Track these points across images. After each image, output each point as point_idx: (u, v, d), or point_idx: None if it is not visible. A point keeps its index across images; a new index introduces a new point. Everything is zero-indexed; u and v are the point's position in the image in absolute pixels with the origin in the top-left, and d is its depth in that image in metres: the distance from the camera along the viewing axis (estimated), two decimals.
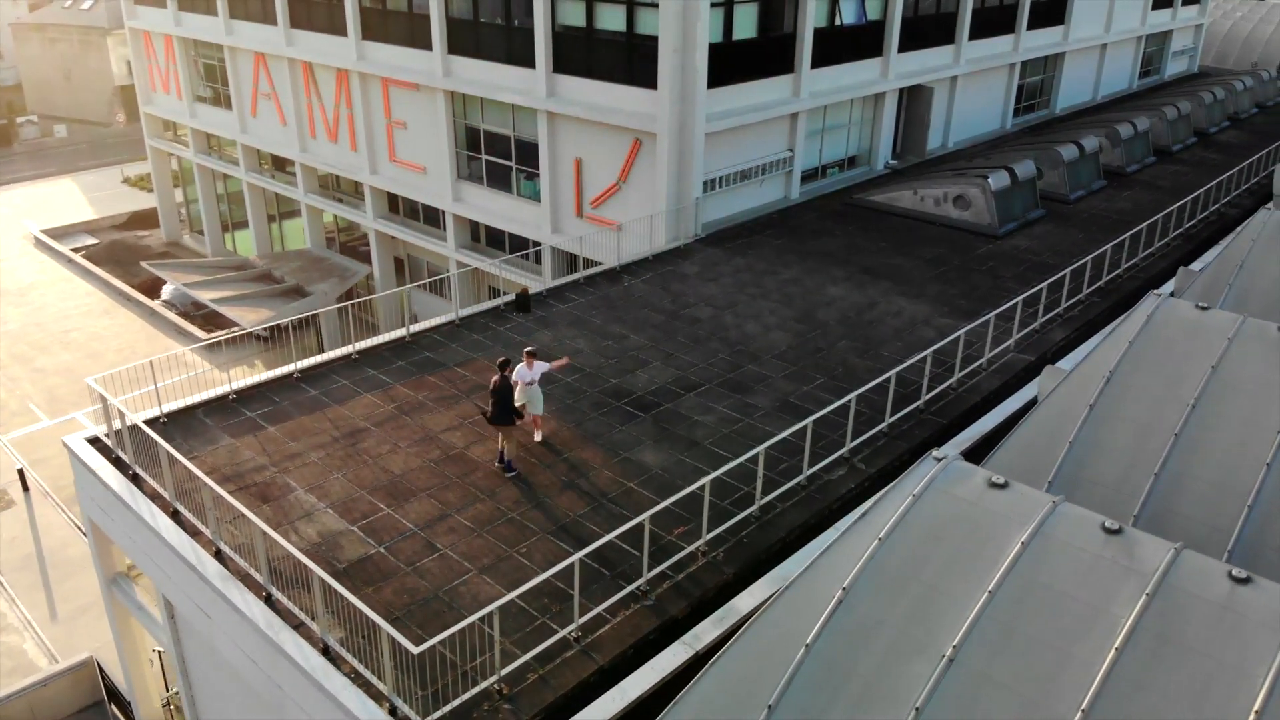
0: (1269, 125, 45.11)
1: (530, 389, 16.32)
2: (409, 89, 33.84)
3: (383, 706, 11.24)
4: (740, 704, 9.92)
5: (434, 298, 38.07)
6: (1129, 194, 33.51)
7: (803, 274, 25.22)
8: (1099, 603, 9.73)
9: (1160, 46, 54.06)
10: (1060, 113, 45.66)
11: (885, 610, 10.16)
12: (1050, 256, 27.19)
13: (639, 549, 13.95)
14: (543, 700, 11.65)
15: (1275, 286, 20.01)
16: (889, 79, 33.29)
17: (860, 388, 19.13)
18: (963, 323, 22.58)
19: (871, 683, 9.70)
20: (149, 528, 14.54)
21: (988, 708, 9.20)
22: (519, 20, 29.41)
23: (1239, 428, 14.20)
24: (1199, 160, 38.38)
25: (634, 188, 28.23)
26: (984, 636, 9.67)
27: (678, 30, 25.23)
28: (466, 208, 33.86)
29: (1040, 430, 15.19)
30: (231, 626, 13.18)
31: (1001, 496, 11.07)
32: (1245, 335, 15.48)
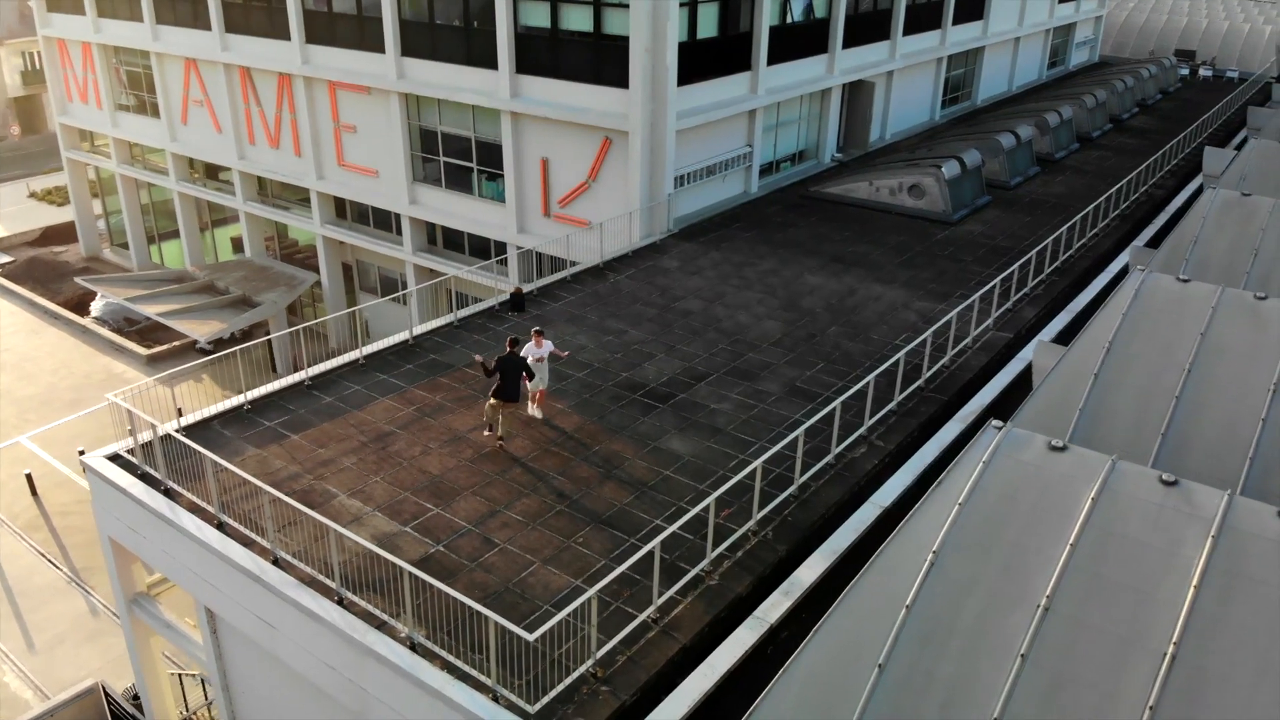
0: (1174, 110, 48.08)
1: (539, 365, 16.84)
2: (359, 92, 33.45)
3: (487, 697, 11.44)
4: (850, 665, 10.48)
5: (386, 303, 37.77)
6: (1061, 179, 35.41)
7: (779, 264, 26.01)
8: (1169, 547, 10.63)
9: (1065, 38, 56.97)
10: (981, 104, 47.75)
11: (976, 569, 10.87)
12: (1003, 240, 28.63)
13: (690, 533, 14.48)
14: (637, 680, 12.01)
15: (1227, 258, 21.64)
16: (834, 75, 34.43)
17: (857, 370, 20.12)
18: (938, 305, 23.73)
19: (973, 636, 10.38)
20: (195, 541, 14.32)
21: (1087, 650, 9.98)
22: (478, 22, 29.44)
23: (1232, 387, 15.45)
24: (1118, 145, 40.73)
25: (604, 186, 28.60)
26: (1072, 585, 10.46)
27: (648, 30, 25.70)
28: (424, 210, 33.65)
29: (1051, 399, 16.19)
30: (302, 633, 13.13)
31: (1064, 458, 11.92)
32: (1226, 304, 16.81)
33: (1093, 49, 62.03)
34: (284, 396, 18.52)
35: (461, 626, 12.48)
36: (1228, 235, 22.10)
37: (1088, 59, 61.67)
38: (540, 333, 17.40)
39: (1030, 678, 9.92)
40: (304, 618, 12.98)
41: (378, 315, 38.55)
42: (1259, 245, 21.48)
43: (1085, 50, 61.05)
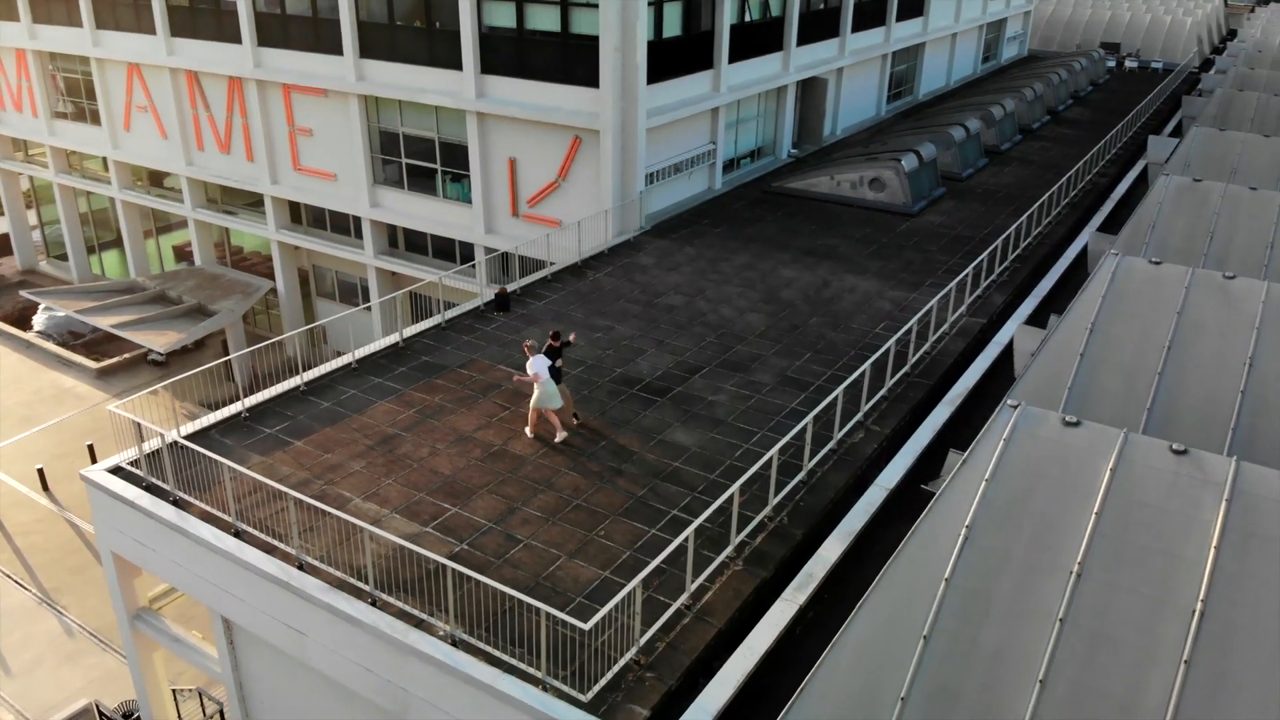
0: (1105, 101, 49.94)
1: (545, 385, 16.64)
2: (315, 95, 33.02)
3: (538, 689, 11.58)
4: (896, 638, 10.90)
5: (344, 308, 37.36)
6: (1009, 169, 36.60)
7: (753, 259, 26.47)
8: (1188, 511, 11.26)
9: (998, 34, 58.71)
10: (923, 98, 49.00)
11: (1008, 540, 11.37)
12: (963, 229, 29.53)
13: (708, 522, 14.80)
14: (679, 664, 12.28)
15: (1184, 241, 22.69)
16: (789, 72, 35.06)
17: (843, 359, 20.67)
18: (910, 294, 24.44)
19: (1011, 604, 10.87)
20: (212, 551, 14.15)
21: (1120, 611, 10.54)
22: (441, 23, 29.33)
23: (1210, 362, 16.29)
24: (1057, 136, 42.21)
25: (574, 185, 28.74)
26: (1100, 552, 11.02)
27: (618, 29, 25.93)
28: (386, 213, 33.37)
29: (1040, 379, 16.87)
30: (335, 637, 13.09)
31: (1079, 433, 12.51)
32: (1197, 284, 17.70)
33: (1022, 43, 64.03)
34: (281, 403, 18.32)
35: (500, 621, 12.62)
36: (1183, 219, 23.16)
37: (1017, 53, 63.64)
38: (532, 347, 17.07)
39: (1069, 640, 10.45)
40: (337, 621, 12.94)
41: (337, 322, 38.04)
42: (1214, 228, 22.57)
43: (1015, 45, 62.99)
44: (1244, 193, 23.28)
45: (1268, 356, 16.04)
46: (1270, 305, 16.84)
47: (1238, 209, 22.92)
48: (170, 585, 17.29)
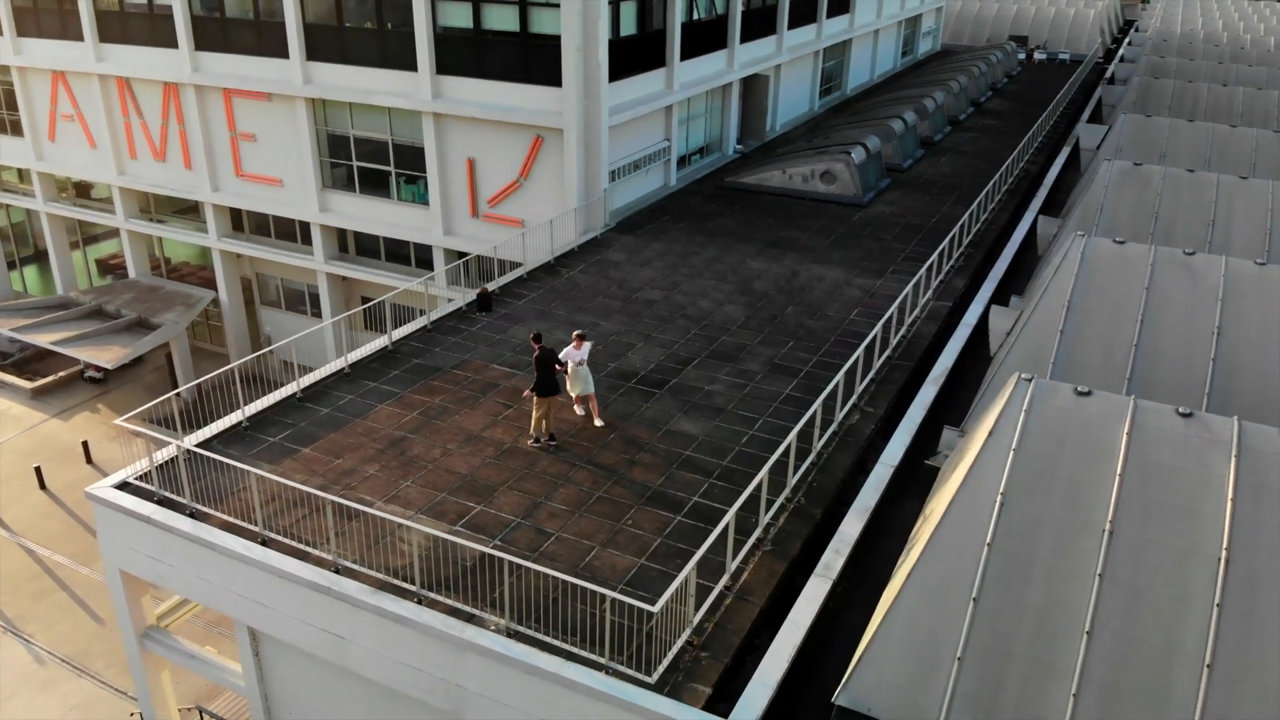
0: (1021, 92, 52.10)
1: (581, 369, 16.98)
2: (259, 99, 32.33)
3: (603, 674, 11.82)
4: (946, 602, 11.49)
5: (290, 316, 36.76)
6: (945, 160, 37.97)
7: (720, 252, 26.99)
8: (1203, 469, 12.12)
9: (914, 29, 60.61)
10: (850, 93, 50.35)
11: (1040, 504, 12.07)
12: (913, 218, 30.59)
13: (727, 504, 15.25)
14: (730, 643, 12.66)
15: (1130, 222, 24.01)
16: (734, 69, 35.72)
17: (825, 345, 21.36)
18: (876, 281, 25.29)
19: (1051, 563, 11.56)
20: (240, 561, 13.96)
21: (1153, 563, 11.30)
22: (393, 24, 29.08)
23: (1181, 333, 17.40)
24: (982, 127, 43.92)
25: (536, 184, 28.83)
26: (1127, 510, 11.80)
27: (580, 28, 26.12)
28: (336, 217, 32.88)
29: (1025, 355, 17.74)
30: (381, 639, 13.07)
31: (1091, 402, 13.31)
32: (1161, 261, 18.84)
33: (935, 38, 66.21)
34: (279, 411, 18.06)
35: (548, 611, 12.80)
36: (1128, 202, 24.50)
37: (931, 47, 65.79)
38: (582, 335, 17.12)
39: (1109, 594, 11.18)
40: (384, 623, 12.94)
41: (282, 330, 37.36)
42: (1158, 209, 23.96)
43: (929, 40, 65.11)
44: (1182, 175, 24.76)
45: (1233, 325, 17.21)
46: (1230, 278, 18.06)
47: (1178, 191, 24.37)
48: (185, 600, 16.98)
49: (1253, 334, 17.14)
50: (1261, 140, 29.33)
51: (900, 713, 11.19)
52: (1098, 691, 10.67)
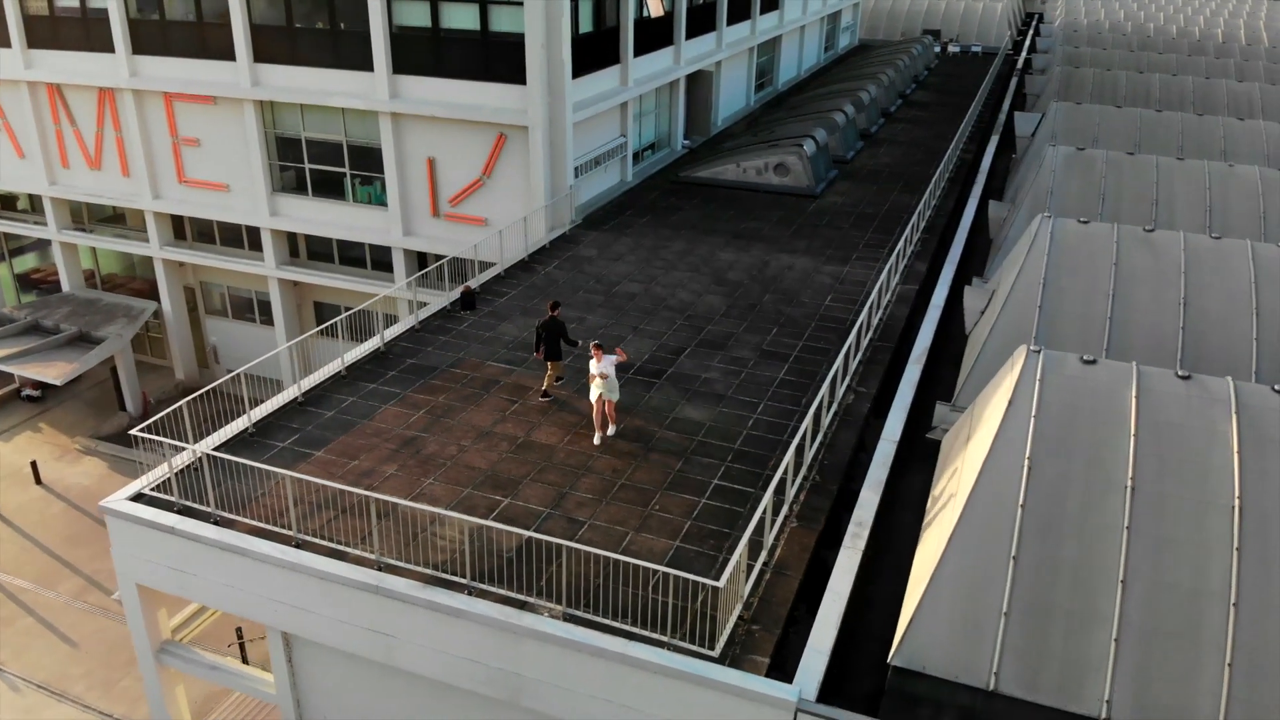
0: (941, 84, 54.00)
1: (608, 380, 16.88)
2: (203, 103, 31.55)
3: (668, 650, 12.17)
4: (987, 562, 12.18)
5: (238, 324, 36.01)
6: (883, 150, 39.22)
7: (688, 245, 27.48)
8: (1207, 425, 13.07)
9: (835, 25, 62.17)
10: (782, 88, 51.44)
11: (1064, 466, 12.85)
12: (865, 207, 31.60)
13: (751, 485, 15.81)
14: (779, 614, 13.14)
15: (1078, 203, 25.29)
16: (681, 66, 36.26)
17: (807, 330, 22.05)
18: (842, 268, 26.12)
19: (1081, 520, 12.34)
20: (276, 565, 13.85)
21: (1173, 514, 12.16)
22: (346, 24, 28.74)
23: (1151, 304, 18.55)
24: (911, 118, 45.44)
25: (499, 182, 28.86)
26: (1145, 466, 12.66)
27: (543, 25, 26.27)
28: (288, 221, 32.31)
29: (1007, 331, 18.67)
30: (435, 634, 13.15)
31: (1097, 369, 14.18)
32: (1125, 238, 20.02)
33: (853, 33, 68.02)
34: (284, 416, 17.87)
35: (595, 595, 13.07)
36: (1075, 184, 25.82)
37: (850, 42, 67.56)
38: (600, 346, 16.92)
39: (1137, 545, 12.01)
40: (437, 617, 13.03)
41: (230, 340, 36.56)
42: (1103, 191, 25.33)
43: (848, 35, 66.85)
44: (1124, 158, 26.20)
45: (1197, 295, 18.42)
46: (1190, 252, 19.31)
47: (1120, 173, 25.78)
48: (199, 613, 16.69)
49: (1214, 303, 18.37)
50: (1186, 123, 31.16)
51: (953, 668, 11.82)
52: (1136, 636, 11.47)
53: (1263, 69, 41.90)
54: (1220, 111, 35.58)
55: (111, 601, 25.23)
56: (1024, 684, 11.57)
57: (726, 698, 11.75)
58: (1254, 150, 29.38)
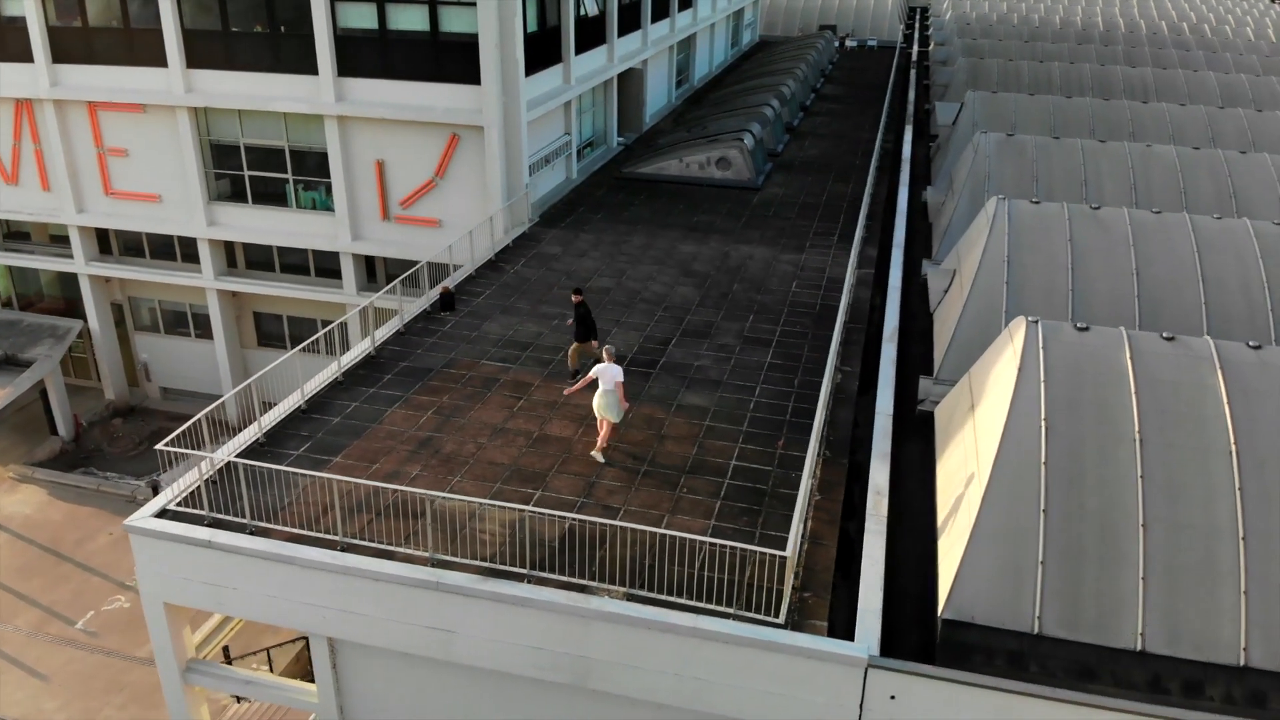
0: (846, 77, 55.97)
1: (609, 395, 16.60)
2: (131, 112, 30.47)
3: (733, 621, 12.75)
4: (1020, 517, 13.15)
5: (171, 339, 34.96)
6: (809, 142, 40.57)
7: (647, 239, 28.04)
8: (1197, 380, 14.36)
9: (739, 22, 63.60)
10: (698, 84, 52.44)
11: (1077, 424, 13.94)
12: (806, 198, 32.75)
13: (767, 464, 16.53)
14: (823, 582, 13.87)
15: (1015, 186, 26.88)
16: (614, 64, 36.78)
17: (782, 316, 22.92)
18: (800, 255, 27.13)
19: (1099, 472, 13.43)
20: (324, 571, 13.84)
21: (1180, 462, 13.36)
22: (286, 26, 28.24)
23: (1106, 276, 20.01)
24: (826, 111, 47.03)
25: (453, 182, 28.84)
26: (1149, 420, 13.84)
27: (496, 26, 26.40)
28: (226, 230, 31.52)
29: (979, 307, 19.86)
30: (498, 625, 13.37)
31: (1090, 335, 15.38)
32: (1075, 216, 21.50)
33: (754, 30, 69.69)
34: (290, 425, 17.66)
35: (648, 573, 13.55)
36: (1009, 168, 27.40)
37: (751, 39, 69.21)
38: (611, 353, 16.90)
39: (1151, 491, 13.17)
40: (500, 608, 13.27)
41: (162, 356, 35.39)
42: (1036, 174, 26.99)
43: (749, 31, 68.46)
44: (1050, 142, 27.95)
45: (1146, 267, 19.96)
46: (1135, 227, 20.90)
47: (1049, 156, 27.50)
48: (219, 629, 16.42)
49: (1163, 271, 19.95)
50: (1095, 108, 33.34)
51: (999, 616, 12.74)
52: (1160, 574, 12.61)
53: (1149, 54, 44.97)
54: (1118, 95, 38.09)
55: (77, 631, 24.35)
56: (1065, 625, 12.57)
57: (797, 660, 12.40)
58: (1160, 130, 31.69)
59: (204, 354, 34.43)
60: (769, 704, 12.71)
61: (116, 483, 30.21)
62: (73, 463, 31.91)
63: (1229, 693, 12.01)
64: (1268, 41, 50.32)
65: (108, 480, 30.42)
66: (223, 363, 33.58)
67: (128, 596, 25.44)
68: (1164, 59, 44.64)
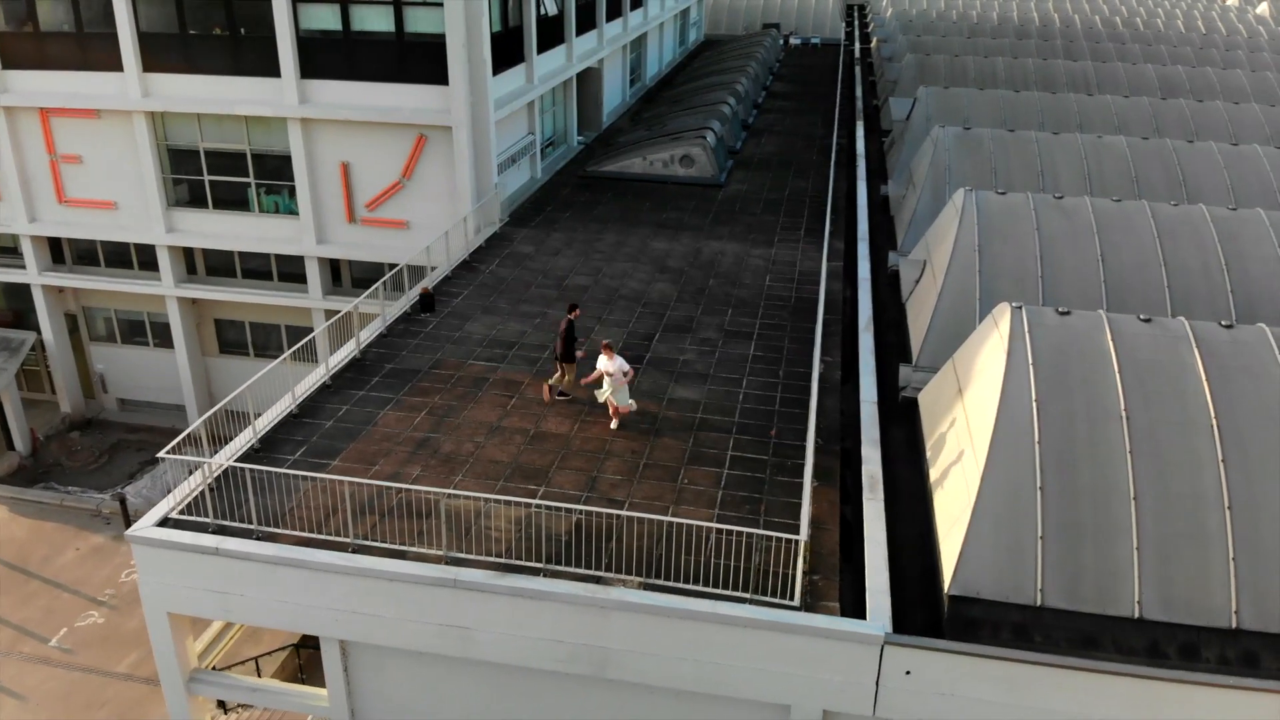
0: (793, 75, 56.77)
1: (612, 380, 17.25)
2: (85, 118, 29.78)
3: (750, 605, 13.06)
4: (1018, 495, 13.66)
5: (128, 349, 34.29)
6: (765, 139, 41.12)
7: (619, 237, 28.25)
8: (1176, 358, 15.02)
9: (685, 21, 64.07)
10: (650, 83, 52.76)
11: (1067, 403, 14.51)
12: (769, 194, 33.25)
13: (762, 453, 16.89)
14: (831, 564, 14.25)
15: (974, 179, 27.58)
16: (573, 63, 36.89)
17: (759, 309, 23.32)
18: (770, 250, 27.59)
19: (1090, 448, 13.98)
20: (338, 573, 13.83)
21: (1164, 435, 14.00)
22: (247, 29, 27.87)
23: (1073, 261, 20.74)
24: (778, 108, 47.68)
25: (420, 183, 28.73)
26: (1133, 397, 14.45)
27: (463, 25, 26.37)
28: (186, 236, 30.98)
29: (954, 295, 20.47)
30: (515, 620, 13.49)
31: (1072, 319, 16.00)
32: (1040, 206, 22.24)
33: (699, 29, 70.25)
34: (284, 430, 17.53)
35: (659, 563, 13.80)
36: (967, 161, 28.17)
37: (697, 37, 69.76)
38: (610, 346, 17.37)
39: (1140, 465, 13.76)
40: (519, 602, 13.39)
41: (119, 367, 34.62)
42: (994, 166, 27.80)
43: (695, 30, 68.99)
44: (1006, 135, 28.81)
45: (1112, 253, 20.75)
46: (1098, 215, 21.70)
47: (1005, 149, 28.34)
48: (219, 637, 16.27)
49: (1126, 257, 20.75)
50: (1043, 101, 34.39)
51: (1004, 589, 13.23)
52: (1153, 544, 13.21)
53: (1087, 48, 46.43)
54: (1062, 88, 39.30)
55: (51, 649, 23.79)
56: (1066, 596, 13.11)
57: (815, 641, 12.75)
58: (1106, 121, 32.80)
59: (163, 363, 33.76)
60: (787, 684, 13.06)
61: (80, 497, 29.51)
62: (32, 478, 31.08)
63: (1223, 654, 12.66)
64: (1199, 34, 52.33)
65: (70, 495, 29.70)
66: (184, 371, 32.97)
67: (101, 612, 24.92)
68: (1102, 53, 46.13)
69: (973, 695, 12.72)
